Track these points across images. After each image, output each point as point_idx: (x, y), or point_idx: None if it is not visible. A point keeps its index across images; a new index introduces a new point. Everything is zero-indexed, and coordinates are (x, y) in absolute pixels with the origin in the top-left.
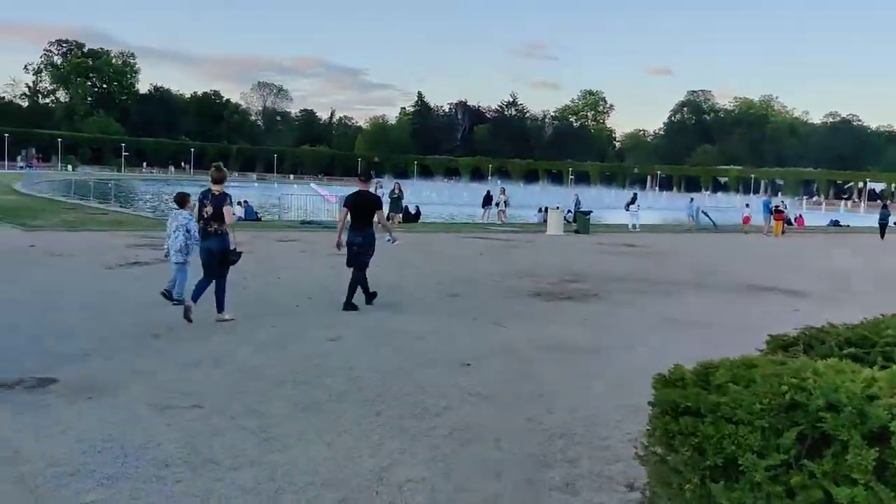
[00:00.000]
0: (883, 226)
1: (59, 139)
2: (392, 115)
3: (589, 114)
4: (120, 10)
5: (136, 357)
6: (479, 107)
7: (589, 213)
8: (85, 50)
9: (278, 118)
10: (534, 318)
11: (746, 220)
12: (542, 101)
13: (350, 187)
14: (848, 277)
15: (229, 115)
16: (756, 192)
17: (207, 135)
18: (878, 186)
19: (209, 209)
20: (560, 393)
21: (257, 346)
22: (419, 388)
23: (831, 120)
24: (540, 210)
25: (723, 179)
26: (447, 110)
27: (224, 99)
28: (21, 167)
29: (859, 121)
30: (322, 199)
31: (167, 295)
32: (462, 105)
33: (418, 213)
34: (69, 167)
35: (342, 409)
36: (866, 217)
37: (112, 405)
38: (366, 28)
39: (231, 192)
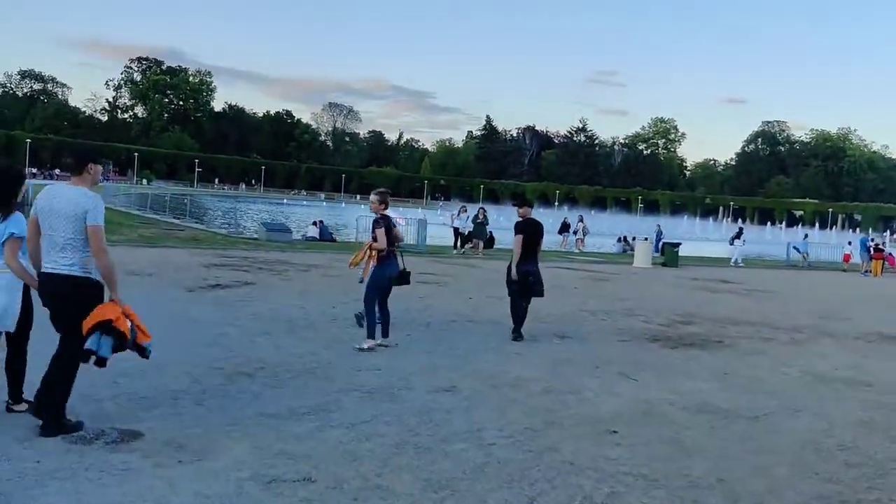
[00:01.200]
0: None
1: (136, 153)
2: (458, 138)
3: (659, 141)
4: (199, 32)
5: (229, 403)
6: (547, 132)
7: (678, 245)
8: (164, 67)
9: (347, 139)
10: (662, 368)
11: (847, 258)
12: (610, 128)
13: (414, 209)
14: None
15: (300, 134)
16: (832, 227)
17: (278, 153)
18: None
19: (397, 231)
20: (736, 475)
21: (363, 395)
22: (568, 464)
23: None
24: (619, 240)
25: (798, 213)
26: (515, 135)
27: (296, 119)
28: (99, 180)
29: None
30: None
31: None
32: (530, 130)
33: (492, 238)
34: (144, 181)
35: (485, 492)
36: None
37: (208, 474)
38: (435, 52)
39: (300, 210)
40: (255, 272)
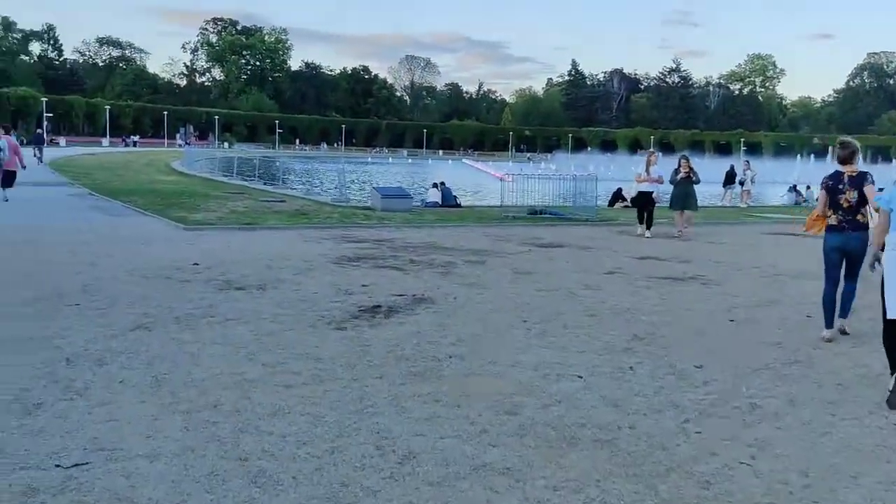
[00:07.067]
0: None
1: (216, 116)
2: (537, 87)
3: (757, 80)
4: None
5: None
6: (635, 74)
7: None
8: (239, 28)
9: (424, 93)
10: None
11: None
12: (692, 70)
13: (503, 162)
14: None
15: (378, 90)
16: None
17: (356, 111)
18: None
19: (852, 194)
20: None
21: None
22: None
23: None
24: (791, 189)
25: None
26: (602, 79)
27: (373, 74)
28: (180, 145)
29: None
30: (491, 176)
31: None
32: (618, 73)
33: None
34: (226, 144)
35: None
36: None
37: None
38: (502, 1)
39: (386, 169)
40: (410, 269)
